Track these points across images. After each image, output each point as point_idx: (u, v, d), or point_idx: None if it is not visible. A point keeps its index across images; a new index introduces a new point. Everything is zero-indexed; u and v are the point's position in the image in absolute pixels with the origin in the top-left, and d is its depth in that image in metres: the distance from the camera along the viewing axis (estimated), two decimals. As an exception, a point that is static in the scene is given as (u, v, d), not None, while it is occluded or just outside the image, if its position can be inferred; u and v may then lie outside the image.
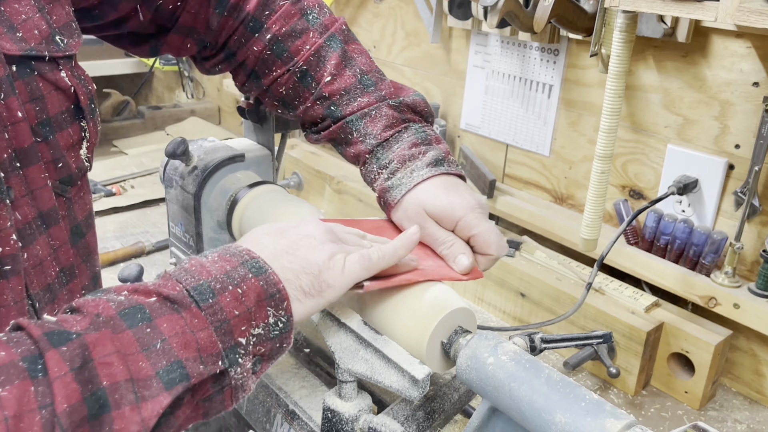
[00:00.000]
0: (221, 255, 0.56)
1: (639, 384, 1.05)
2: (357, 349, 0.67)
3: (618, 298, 1.09)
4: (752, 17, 0.74)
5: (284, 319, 0.55)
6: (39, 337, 0.45)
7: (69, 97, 0.64)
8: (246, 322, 0.52)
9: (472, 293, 1.30)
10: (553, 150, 1.30)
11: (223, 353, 0.51)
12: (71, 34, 0.66)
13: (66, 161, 0.65)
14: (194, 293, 0.51)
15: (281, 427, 0.80)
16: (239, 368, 0.52)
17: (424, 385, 0.61)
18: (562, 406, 0.52)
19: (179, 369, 0.48)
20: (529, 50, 1.29)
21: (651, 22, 1.05)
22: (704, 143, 1.06)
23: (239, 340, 0.52)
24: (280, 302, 0.55)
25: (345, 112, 0.80)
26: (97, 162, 1.96)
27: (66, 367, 0.44)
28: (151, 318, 0.49)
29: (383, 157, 0.78)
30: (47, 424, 0.42)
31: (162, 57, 2.36)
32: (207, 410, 0.53)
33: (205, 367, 0.49)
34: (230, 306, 0.51)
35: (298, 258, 0.58)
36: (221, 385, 0.52)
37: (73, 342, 0.45)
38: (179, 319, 0.49)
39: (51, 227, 0.65)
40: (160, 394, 0.47)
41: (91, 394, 0.44)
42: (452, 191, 0.74)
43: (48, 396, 0.43)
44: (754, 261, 1.04)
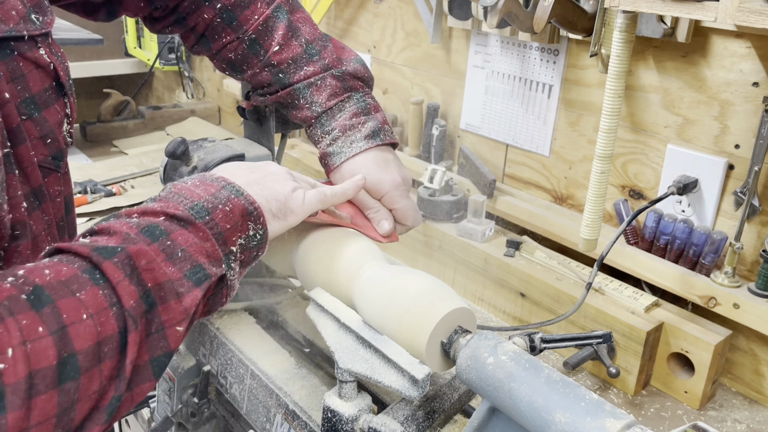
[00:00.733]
0: (201, 181, 0.66)
1: (639, 384, 1.05)
2: (357, 349, 0.67)
3: (618, 298, 1.09)
4: (752, 17, 0.74)
5: (261, 232, 0.66)
6: (89, 254, 0.54)
7: (49, 74, 0.67)
8: (234, 233, 0.63)
9: (472, 293, 1.30)
10: (553, 150, 1.30)
11: (223, 258, 0.62)
12: (44, 12, 0.67)
13: (55, 136, 0.68)
14: (192, 212, 0.61)
15: (281, 427, 0.80)
16: (232, 271, 0.63)
17: (424, 385, 0.61)
18: (562, 405, 0.52)
19: (202, 270, 0.59)
20: (529, 50, 1.29)
21: (651, 22, 1.05)
22: (704, 143, 1.06)
23: (231, 249, 0.63)
24: (258, 218, 0.65)
25: (292, 80, 0.88)
26: (97, 162, 1.96)
27: (122, 273, 0.53)
28: (167, 233, 0.58)
29: (327, 124, 0.88)
30: (119, 317, 0.52)
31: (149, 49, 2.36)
32: (211, 307, 0.63)
33: (216, 269, 0.60)
34: (222, 221, 0.62)
35: (266, 188, 0.69)
36: (221, 285, 0.63)
37: (120, 254, 0.54)
38: (188, 233, 0.59)
39: (43, 203, 0.68)
40: (193, 289, 0.58)
41: (144, 293, 0.54)
42: (382, 167, 0.86)
43: (114, 296, 0.52)
44: (754, 261, 1.04)
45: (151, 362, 0.56)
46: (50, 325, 0.48)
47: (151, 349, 0.56)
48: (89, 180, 1.71)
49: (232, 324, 0.94)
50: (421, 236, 1.37)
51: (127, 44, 2.52)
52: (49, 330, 0.48)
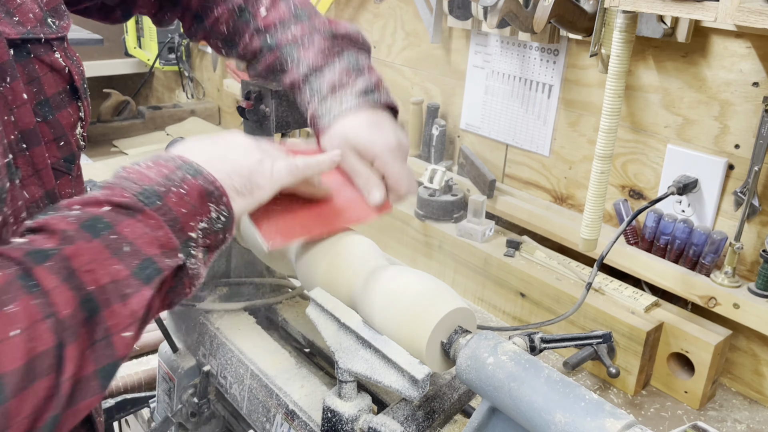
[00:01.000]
0: (155, 162, 0.59)
1: (639, 384, 1.05)
2: (357, 349, 0.67)
3: (618, 298, 1.09)
4: (752, 17, 0.74)
5: (225, 213, 0.60)
6: (21, 258, 0.48)
7: (64, 77, 0.67)
8: (192, 217, 0.57)
9: (472, 293, 1.30)
10: (553, 150, 1.30)
11: (180, 247, 0.56)
12: (61, 16, 0.68)
13: (68, 140, 0.68)
14: (142, 198, 0.55)
15: (281, 427, 0.80)
16: (193, 259, 0.57)
17: (424, 385, 0.61)
18: (562, 405, 0.52)
19: (152, 265, 0.53)
20: (529, 50, 1.29)
21: (651, 22, 1.05)
22: (704, 143, 1.06)
23: (190, 235, 0.57)
24: (220, 198, 0.59)
25: (279, 41, 0.84)
26: (97, 162, 1.96)
27: (56, 279, 0.48)
28: (111, 226, 0.52)
29: (315, 83, 0.81)
30: (56, 329, 0.47)
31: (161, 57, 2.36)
32: (172, 299, 0.58)
33: (170, 260, 0.55)
34: (177, 206, 0.56)
35: (229, 162, 0.62)
36: (181, 276, 0.57)
37: (55, 257, 0.49)
38: (136, 222, 0.54)
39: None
40: (141, 288, 0.52)
41: (84, 299, 0.49)
42: (375, 128, 0.77)
43: (49, 306, 0.47)
44: (754, 261, 1.04)
45: (98, 373, 0.50)
46: None
47: (97, 359, 0.50)
48: (89, 180, 1.71)
49: (232, 324, 0.94)
50: (421, 236, 1.37)
51: (127, 44, 2.52)
52: None
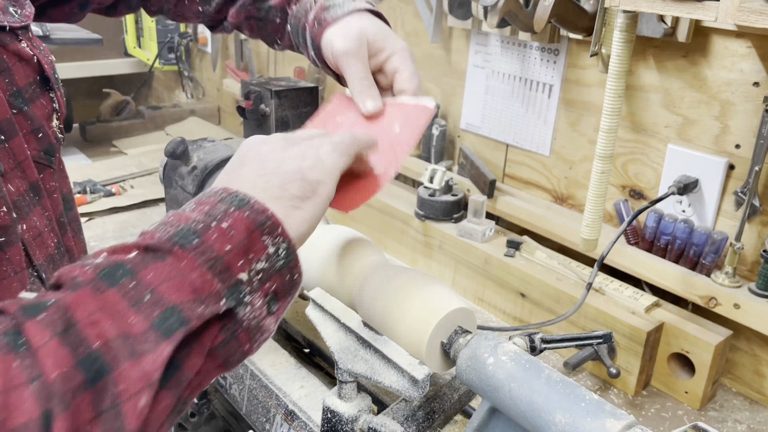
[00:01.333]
0: (198, 201, 0.51)
1: (639, 384, 1.05)
2: (357, 350, 0.67)
3: (618, 298, 1.09)
4: (752, 17, 0.74)
5: (285, 245, 0.50)
6: (15, 312, 0.42)
7: (33, 67, 0.66)
8: (242, 256, 0.48)
9: (472, 293, 1.30)
10: (553, 150, 1.30)
11: (225, 292, 0.46)
12: (22, 5, 0.67)
13: (45, 131, 0.67)
14: (176, 238, 0.47)
15: (281, 427, 0.80)
16: (249, 307, 0.48)
17: (424, 385, 0.61)
18: (562, 406, 0.52)
19: (175, 314, 0.44)
20: (529, 50, 1.29)
21: (651, 22, 1.05)
22: (704, 143, 1.06)
23: (240, 277, 0.47)
24: (274, 228, 0.50)
25: None
26: (97, 162, 1.96)
27: (48, 334, 0.40)
28: (132, 273, 0.44)
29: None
30: (41, 397, 0.38)
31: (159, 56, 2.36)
32: (225, 359, 0.48)
33: (205, 308, 0.45)
34: (218, 242, 0.47)
35: (273, 175, 0.54)
36: (232, 328, 0.47)
37: (51, 308, 0.42)
38: (165, 265, 0.45)
39: (42, 198, 0.66)
40: (159, 344, 0.43)
41: (84, 358, 0.40)
42: (389, 31, 0.73)
43: (35, 367, 0.39)
44: (755, 261, 1.04)
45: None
46: None
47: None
48: (89, 180, 1.71)
49: (231, 324, 0.94)
50: (421, 236, 1.37)
51: (126, 44, 2.52)
52: None
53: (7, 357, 0.39)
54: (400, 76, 0.71)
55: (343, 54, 0.70)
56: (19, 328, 0.40)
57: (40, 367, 0.39)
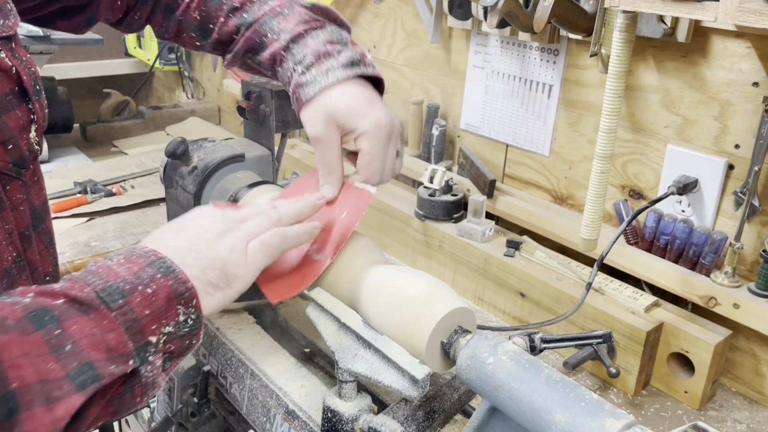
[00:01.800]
0: (127, 257, 0.56)
1: (639, 384, 1.05)
2: (357, 349, 0.67)
3: (618, 298, 1.09)
4: (752, 17, 0.74)
5: (194, 317, 0.56)
6: None
7: (11, 78, 0.64)
8: (156, 320, 0.53)
9: (472, 293, 1.30)
10: (553, 150, 1.30)
11: (134, 352, 0.51)
12: (6, 16, 0.66)
13: (17, 143, 0.65)
14: (103, 294, 0.51)
15: (281, 427, 0.80)
16: (150, 366, 0.53)
17: (424, 385, 0.61)
18: (562, 405, 0.52)
19: (90, 370, 0.48)
20: (529, 50, 1.29)
21: (651, 22, 1.05)
22: (704, 143, 1.06)
23: (150, 339, 0.52)
24: (190, 300, 0.55)
25: (257, 15, 0.81)
26: (98, 162, 1.96)
27: None
28: (59, 320, 0.48)
29: (298, 53, 0.77)
30: None
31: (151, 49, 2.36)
32: (117, 408, 0.53)
33: (116, 367, 0.50)
34: (140, 306, 0.52)
35: (201, 254, 0.59)
36: (131, 383, 0.52)
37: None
38: (88, 320, 0.49)
39: (4, 210, 0.65)
40: (72, 395, 0.47)
41: (2, 396, 0.44)
42: (365, 102, 0.74)
43: None
44: (754, 261, 1.04)
45: None
46: None
47: None
48: (89, 180, 1.71)
49: (232, 324, 0.94)
50: (421, 236, 1.37)
51: (127, 44, 2.52)
52: None
53: None
54: (360, 159, 0.75)
55: (312, 139, 0.75)
56: None
57: None
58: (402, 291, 0.66)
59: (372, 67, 0.78)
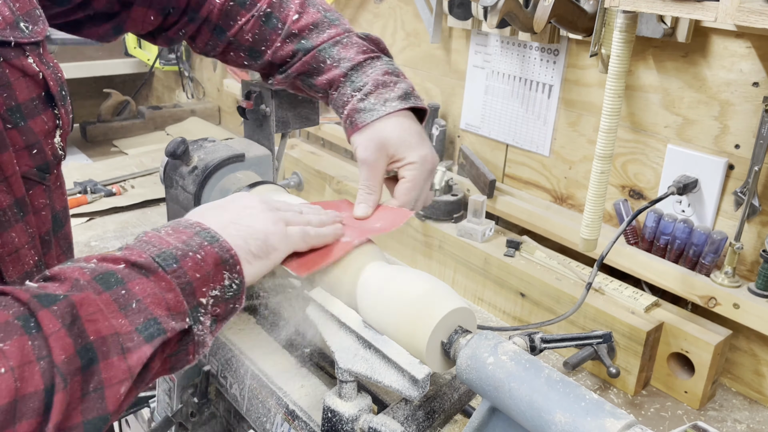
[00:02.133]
0: (174, 228, 0.61)
1: (639, 384, 1.05)
2: (357, 349, 0.67)
3: (618, 298, 1.09)
4: (752, 17, 0.74)
5: (237, 282, 0.61)
6: (28, 300, 0.49)
7: (38, 83, 0.65)
8: (205, 284, 0.58)
9: (472, 293, 1.30)
10: (553, 150, 1.30)
11: (189, 311, 0.56)
12: (35, 21, 0.66)
13: (41, 147, 0.66)
14: (159, 259, 0.56)
15: (281, 427, 0.80)
16: (201, 326, 0.58)
17: (424, 384, 0.61)
18: (562, 405, 0.52)
19: (155, 325, 0.53)
20: (529, 50, 1.29)
21: (651, 22, 1.05)
22: (704, 143, 1.06)
23: (201, 300, 0.58)
24: (233, 266, 0.61)
25: (316, 42, 0.85)
26: (98, 162, 1.96)
27: (59, 323, 0.48)
28: (123, 282, 0.54)
29: (358, 80, 0.83)
30: (46, 373, 0.47)
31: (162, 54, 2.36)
32: (173, 364, 0.58)
33: (176, 323, 0.55)
34: (192, 270, 0.57)
35: (243, 226, 0.64)
36: (186, 341, 0.57)
37: (62, 302, 0.50)
38: (148, 282, 0.55)
39: (27, 214, 0.65)
40: (142, 346, 0.52)
41: (83, 347, 0.49)
42: (415, 136, 0.81)
43: (45, 349, 0.47)
44: (754, 261, 1.04)
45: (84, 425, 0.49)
46: None
47: (85, 410, 0.49)
48: (89, 180, 1.71)
49: (232, 324, 0.94)
50: (421, 236, 1.37)
51: (127, 44, 2.52)
52: None
53: (23, 338, 0.47)
54: (401, 185, 0.82)
55: (360, 161, 0.81)
56: (33, 314, 0.48)
57: (48, 349, 0.47)
58: (402, 291, 0.66)
59: (420, 99, 0.84)
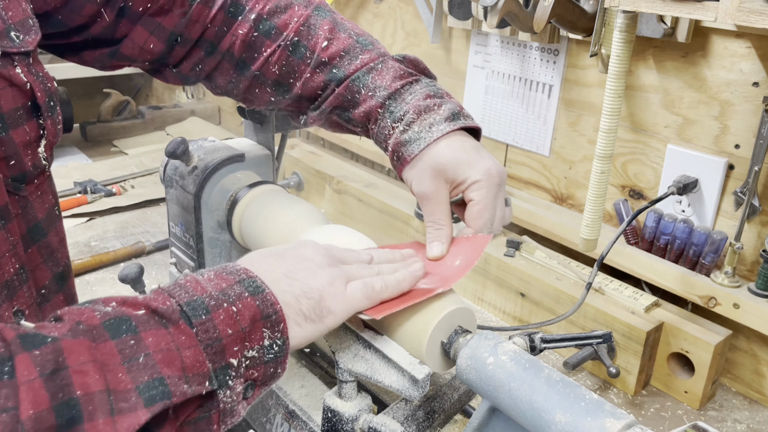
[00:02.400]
0: (217, 273, 0.54)
1: (639, 384, 1.05)
2: (357, 349, 0.67)
3: (618, 298, 1.09)
4: (752, 17, 0.74)
5: (280, 342, 0.53)
6: (12, 340, 0.43)
7: (25, 93, 0.63)
8: (239, 342, 0.50)
9: (472, 293, 1.30)
10: (553, 150, 1.30)
11: (212, 374, 0.48)
12: (27, 31, 0.64)
13: (20, 159, 0.64)
14: (186, 308, 0.49)
15: (281, 427, 0.80)
16: (229, 391, 0.49)
17: (424, 385, 0.61)
18: (562, 405, 0.52)
19: (161, 386, 0.45)
20: (529, 50, 1.29)
21: (651, 22, 1.05)
22: (704, 143, 1.06)
23: (231, 361, 0.49)
24: (276, 324, 0.52)
25: (348, 71, 0.76)
26: (98, 162, 1.96)
27: (36, 372, 0.41)
28: (136, 330, 0.46)
29: (397, 110, 0.73)
30: (6, 429, 0.39)
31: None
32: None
33: (189, 387, 0.46)
34: (224, 324, 0.49)
35: (297, 282, 0.56)
36: (209, 408, 0.49)
37: (47, 346, 0.43)
38: (166, 334, 0.47)
39: (9, 223, 0.64)
40: (138, 409, 0.44)
41: (62, 403, 0.41)
42: (473, 152, 0.71)
43: (12, 399, 0.40)
44: (754, 261, 1.04)
45: None
46: None
47: None
48: (89, 180, 1.71)
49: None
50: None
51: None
52: None
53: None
54: (470, 209, 0.73)
55: (419, 196, 0.74)
56: (11, 358, 0.41)
57: (16, 400, 0.40)
58: (402, 291, 0.66)
59: (471, 118, 0.75)
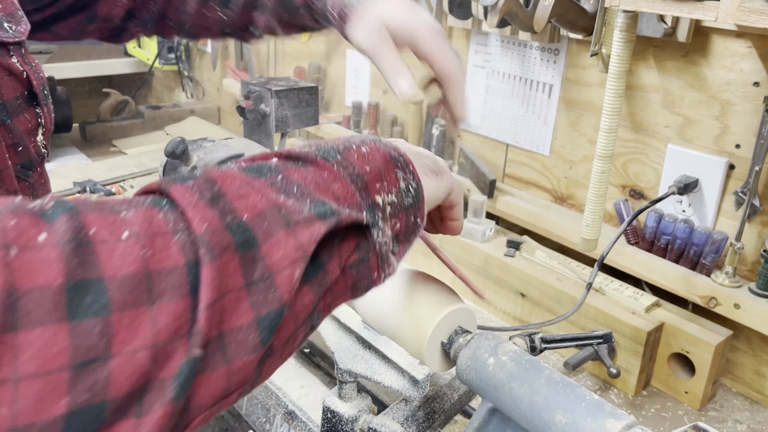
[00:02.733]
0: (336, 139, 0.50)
1: (639, 384, 1.05)
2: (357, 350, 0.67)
3: (618, 298, 1.09)
4: (753, 17, 0.74)
5: (414, 185, 0.49)
6: (160, 183, 0.39)
7: (22, 82, 0.66)
8: (378, 180, 0.46)
9: (472, 293, 1.29)
10: (554, 150, 1.30)
11: (365, 207, 0.44)
12: (18, 22, 0.67)
13: (26, 145, 0.67)
14: (318, 152, 0.45)
15: (281, 427, 0.80)
16: (381, 233, 0.45)
17: (424, 385, 0.61)
18: (563, 406, 0.52)
19: (326, 206, 0.41)
20: (529, 50, 1.29)
21: (651, 21, 1.05)
22: (704, 143, 1.06)
23: (376, 200, 0.45)
24: (406, 165, 0.49)
25: None
26: (97, 162, 1.96)
27: (196, 196, 0.37)
28: (279, 170, 0.42)
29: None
30: (186, 246, 0.35)
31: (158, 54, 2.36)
32: (355, 282, 0.46)
33: (350, 212, 0.43)
34: (359, 161, 0.46)
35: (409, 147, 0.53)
36: (366, 249, 0.45)
37: (198, 178, 0.39)
38: (308, 172, 0.43)
39: None
40: (313, 221, 0.40)
41: (233, 225, 0.37)
42: (413, 10, 0.73)
43: (181, 221, 0.36)
44: (755, 261, 1.04)
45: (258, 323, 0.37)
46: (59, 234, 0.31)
47: (255, 304, 0.37)
48: (89, 180, 1.71)
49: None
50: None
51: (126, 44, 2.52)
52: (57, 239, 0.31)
53: (150, 211, 0.35)
54: (435, 64, 0.72)
55: (369, 51, 0.73)
56: (164, 192, 0.38)
57: (186, 221, 0.36)
58: (402, 291, 0.66)
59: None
